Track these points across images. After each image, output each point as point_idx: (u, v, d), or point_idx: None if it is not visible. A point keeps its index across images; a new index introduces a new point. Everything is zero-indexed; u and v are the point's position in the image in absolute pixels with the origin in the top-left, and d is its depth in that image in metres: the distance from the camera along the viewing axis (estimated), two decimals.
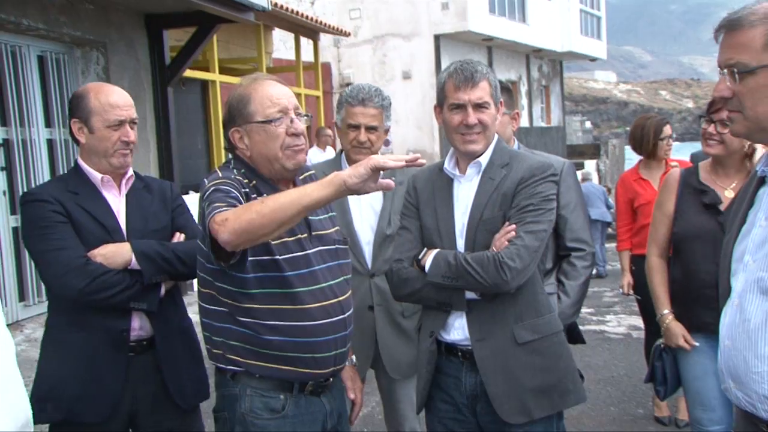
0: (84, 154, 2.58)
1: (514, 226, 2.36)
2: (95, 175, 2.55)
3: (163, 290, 2.54)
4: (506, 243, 2.34)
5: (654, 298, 3.21)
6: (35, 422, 2.43)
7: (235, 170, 2.19)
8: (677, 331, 3.05)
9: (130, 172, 2.63)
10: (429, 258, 2.43)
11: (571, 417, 4.61)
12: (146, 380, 2.53)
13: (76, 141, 2.57)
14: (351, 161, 3.00)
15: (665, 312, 3.11)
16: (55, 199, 2.45)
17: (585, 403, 4.82)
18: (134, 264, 2.45)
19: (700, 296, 2.96)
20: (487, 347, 2.43)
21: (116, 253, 2.44)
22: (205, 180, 2.15)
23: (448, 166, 2.55)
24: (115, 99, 2.51)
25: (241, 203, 2.01)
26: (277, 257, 2.12)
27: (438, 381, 2.56)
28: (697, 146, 3.56)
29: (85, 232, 2.46)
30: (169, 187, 2.76)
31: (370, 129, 2.95)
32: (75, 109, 2.54)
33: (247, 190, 2.13)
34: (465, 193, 2.51)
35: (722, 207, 2.97)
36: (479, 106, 2.44)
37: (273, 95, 2.18)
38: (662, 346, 3.16)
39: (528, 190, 2.40)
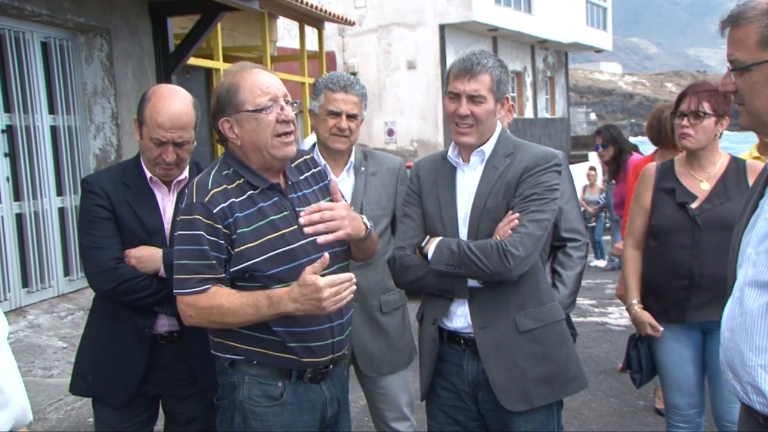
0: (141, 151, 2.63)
1: (517, 214, 2.36)
2: (147, 173, 2.60)
3: None
4: (510, 231, 2.34)
5: (625, 287, 3.28)
6: (77, 393, 2.70)
7: (217, 173, 2.18)
8: (644, 320, 3.11)
9: (185, 174, 2.63)
10: (432, 245, 2.44)
11: (571, 408, 4.62)
12: (174, 368, 2.61)
13: None
14: (328, 150, 2.95)
15: (633, 302, 3.17)
16: (104, 191, 2.52)
17: (586, 394, 4.84)
18: (163, 272, 2.49)
19: (674, 286, 3.03)
20: (489, 335, 2.44)
21: (150, 259, 2.49)
22: (185, 192, 2.18)
23: (452, 154, 2.55)
24: (161, 120, 2.46)
25: (206, 268, 2.09)
26: (256, 260, 2.12)
27: (440, 369, 2.57)
28: None
29: (125, 230, 2.53)
30: None
31: (350, 116, 2.90)
32: (138, 108, 2.57)
33: (226, 204, 2.11)
34: (468, 181, 2.51)
35: (698, 200, 3.02)
36: (473, 98, 2.42)
37: (263, 84, 2.17)
38: (637, 335, 3.23)
39: (532, 180, 2.40)
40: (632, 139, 7.30)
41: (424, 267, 2.45)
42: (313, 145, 3.05)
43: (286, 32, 14.82)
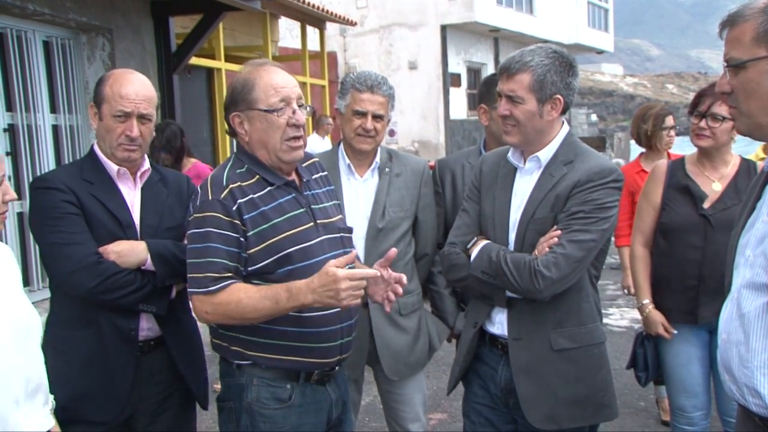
0: (99, 141, 2.48)
1: (558, 232, 2.25)
2: (111, 166, 2.43)
3: (174, 292, 2.44)
4: (547, 249, 2.24)
5: (636, 287, 3.28)
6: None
7: (231, 169, 2.16)
8: (657, 320, 3.11)
9: (146, 165, 2.52)
10: (476, 249, 2.38)
11: None
12: (151, 381, 2.45)
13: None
14: (353, 150, 2.94)
15: (645, 301, 3.18)
16: (68, 187, 2.33)
17: None
18: (148, 265, 2.35)
19: (684, 286, 3.03)
20: (522, 348, 2.37)
21: (131, 252, 2.33)
22: (196, 202, 2.13)
23: (512, 155, 2.46)
24: (126, 90, 2.38)
25: (221, 266, 2.06)
26: (274, 257, 2.11)
27: (476, 368, 2.54)
28: None
29: (97, 225, 2.34)
30: (186, 182, 2.65)
31: (376, 117, 2.87)
32: (94, 92, 2.45)
33: (244, 200, 2.10)
34: (524, 186, 2.41)
35: (709, 200, 3.02)
36: (511, 99, 2.33)
37: (278, 84, 2.15)
38: (644, 333, 3.23)
39: (581, 196, 2.27)
40: (632, 142, 7.21)
41: (467, 269, 2.39)
42: (338, 144, 3.04)
43: (287, 32, 14.81)
